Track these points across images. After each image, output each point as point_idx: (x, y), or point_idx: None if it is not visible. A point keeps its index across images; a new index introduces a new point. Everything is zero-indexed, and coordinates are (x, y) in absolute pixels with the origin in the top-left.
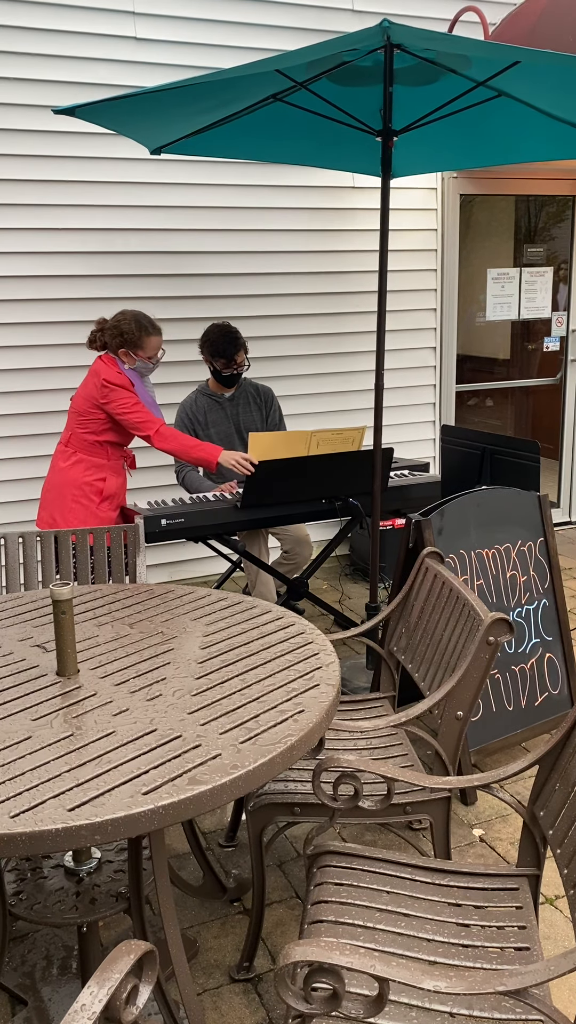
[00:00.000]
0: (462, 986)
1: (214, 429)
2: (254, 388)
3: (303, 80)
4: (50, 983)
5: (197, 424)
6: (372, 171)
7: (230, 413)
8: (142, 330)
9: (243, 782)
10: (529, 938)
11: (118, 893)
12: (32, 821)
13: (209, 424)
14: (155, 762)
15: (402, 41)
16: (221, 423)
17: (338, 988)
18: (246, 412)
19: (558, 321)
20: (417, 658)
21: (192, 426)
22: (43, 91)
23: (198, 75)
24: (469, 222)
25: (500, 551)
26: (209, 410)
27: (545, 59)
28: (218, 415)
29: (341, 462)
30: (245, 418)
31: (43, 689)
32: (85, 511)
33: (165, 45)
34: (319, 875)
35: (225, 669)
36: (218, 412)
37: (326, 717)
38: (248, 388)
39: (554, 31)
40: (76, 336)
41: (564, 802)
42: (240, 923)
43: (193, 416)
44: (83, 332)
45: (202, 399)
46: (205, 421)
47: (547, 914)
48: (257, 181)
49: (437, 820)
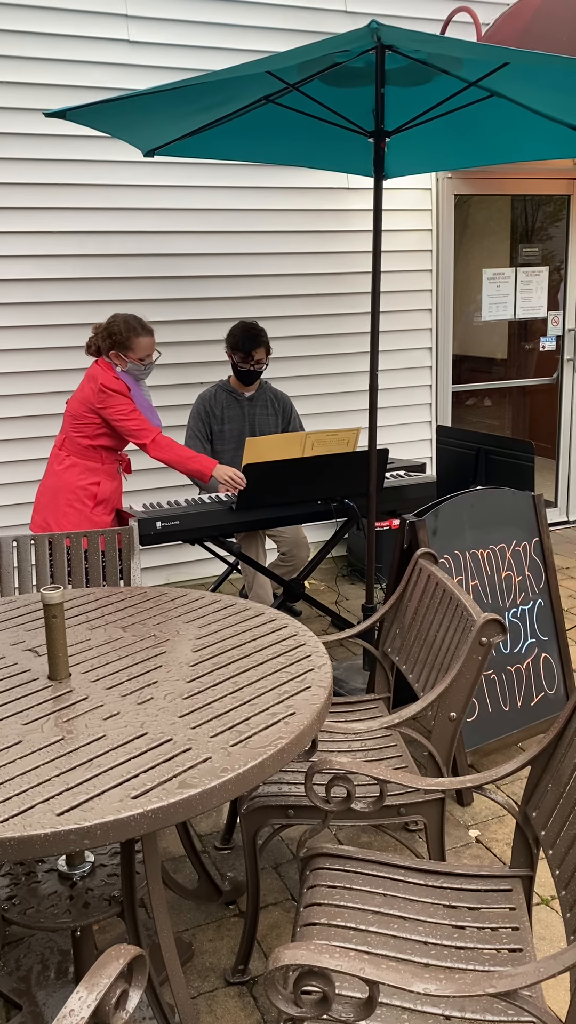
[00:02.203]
0: (452, 988)
1: (228, 425)
2: (273, 393)
3: (295, 82)
4: (45, 987)
5: (212, 417)
6: (366, 172)
7: (247, 412)
8: (131, 331)
9: (233, 785)
10: (522, 939)
11: (111, 897)
12: (21, 825)
13: (224, 420)
14: (145, 766)
15: (393, 42)
16: (236, 420)
17: (328, 991)
18: (263, 414)
19: (554, 320)
20: (411, 659)
21: (207, 419)
22: (36, 95)
23: (190, 77)
24: (465, 222)
25: (495, 551)
26: (227, 406)
27: (534, 60)
28: (235, 412)
29: (336, 463)
30: (261, 420)
31: (34, 693)
32: (79, 515)
33: (158, 48)
34: (312, 877)
35: (217, 672)
36: (235, 409)
37: (317, 719)
38: (268, 391)
39: (547, 30)
40: (72, 339)
41: (556, 803)
42: (235, 926)
43: (210, 409)
44: (79, 335)
45: (221, 394)
46: (221, 416)
47: (542, 915)
48: (251, 183)
49: (431, 821)
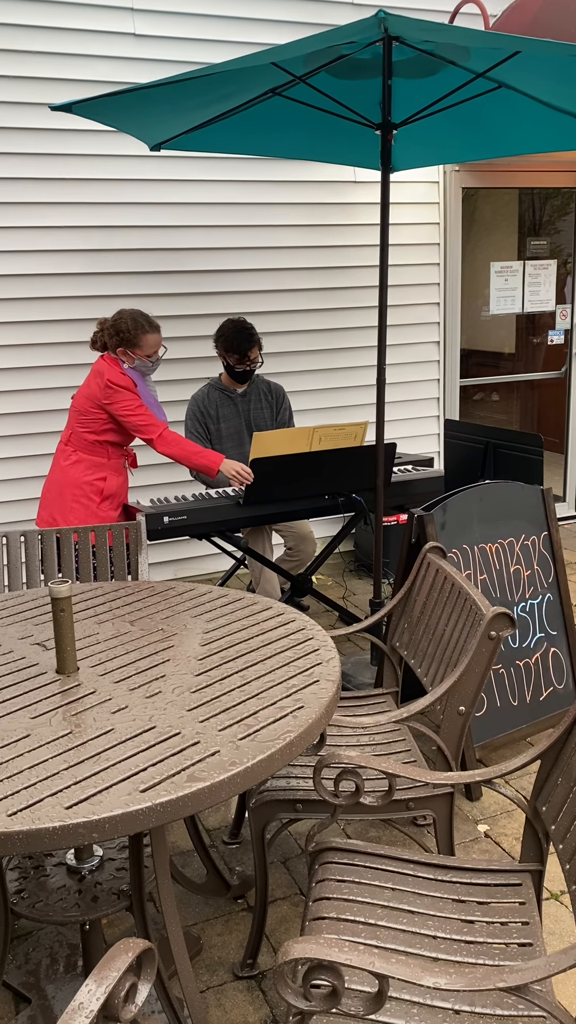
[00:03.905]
0: (462, 983)
1: (224, 424)
2: (266, 385)
3: (301, 74)
4: (54, 981)
5: (208, 417)
6: (373, 165)
7: (241, 409)
8: (139, 328)
9: (241, 779)
10: (532, 934)
11: (120, 891)
12: (30, 819)
13: (220, 418)
14: (153, 759)
15: (400, 33)
16: (232, 418)
17: (337, 985)
18: (257, 409)
19: (562, 314)
20: (419, 653)
21: (203, 419)
22: (42, 88)
23: (196, 70)
24: (472, 216)
25: (504, 545)
26: (221, 404)
27: (544, 49)
28: (229, 410)
29: (344, 458)
30: (256, 415)
31: (42, 687)
32: (85, 511)
33: (164, 41)
34: (321, 872)
35: (225, 666)
36: (229, 407)
37: (326, 713)
38: (260, 385)
39: (555, 21)
40: (76, 334)
41: (566, 797)
42: (244, 920)
43: (204, 409)
44: (83, 330)
45: (214, 393)
46: (216, 415)
47: (552, 909)
48: (258, 176)
49: (440, 816)
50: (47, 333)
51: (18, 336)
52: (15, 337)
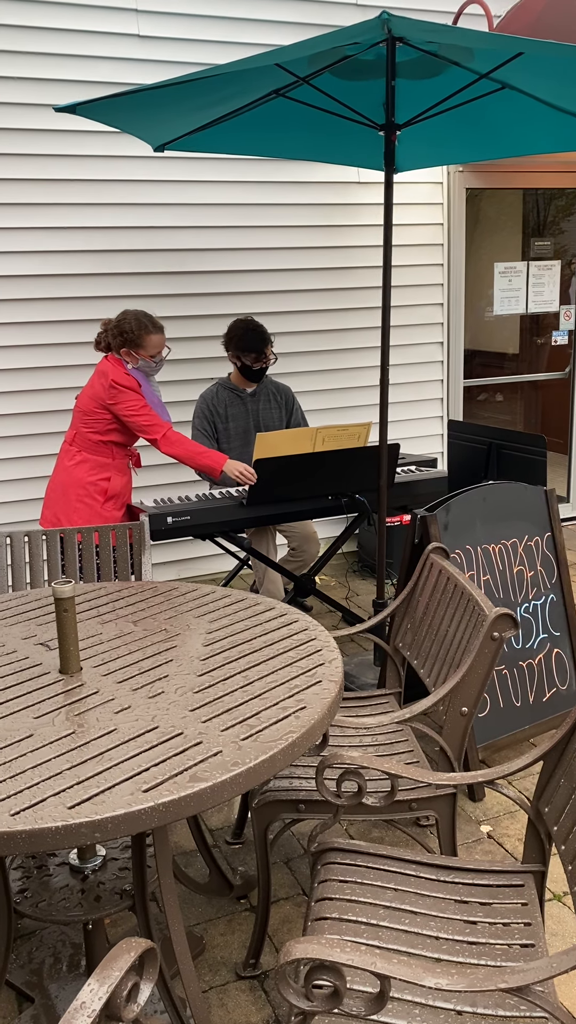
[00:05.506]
0: (464, 983)
1: (233, 423)
2: (274, 386)
3: (305, 75)
4: (57, 980)
5: (216, 416)
6: (376, 166)
7: (251, 409)
8: (142, 328)
9: (244, 779)
10: (534, 935)
11: (123, 890)
12: (32, 819)
13: (229, 418)
14: (156, 759)
15: (404, 34)
16: (240, 418)
17: (339, 986)
18: (266, 409)
19: (566, 315)
20: (422, 654)
21: (212, 418)
22: (46, 90)
23: (200, 71)
24: (476, 216)
25: (507, 546)
26: (230, 404)
27: (548, 50)
28: (238, 410)
29: (347, 458)
30: (265, 415)
31: (45, 687)
32: (89, 511)
33: (168, 42)
34: (323, 872)
35: (228, 666)
36: (239, 407)
37: (328, 713)
38: (269, 385)
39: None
40: (80, 335)
41: (569, 798)
42: (247, 920)
43: (213, 408)
44: (87, 331)
45: (223, 392)
46: (225, 414)
47: (554, 910)
48: (261, 177)
49: (442, 816)
50: (51, 334)
51: (22, 337)
52: (19, 338)
